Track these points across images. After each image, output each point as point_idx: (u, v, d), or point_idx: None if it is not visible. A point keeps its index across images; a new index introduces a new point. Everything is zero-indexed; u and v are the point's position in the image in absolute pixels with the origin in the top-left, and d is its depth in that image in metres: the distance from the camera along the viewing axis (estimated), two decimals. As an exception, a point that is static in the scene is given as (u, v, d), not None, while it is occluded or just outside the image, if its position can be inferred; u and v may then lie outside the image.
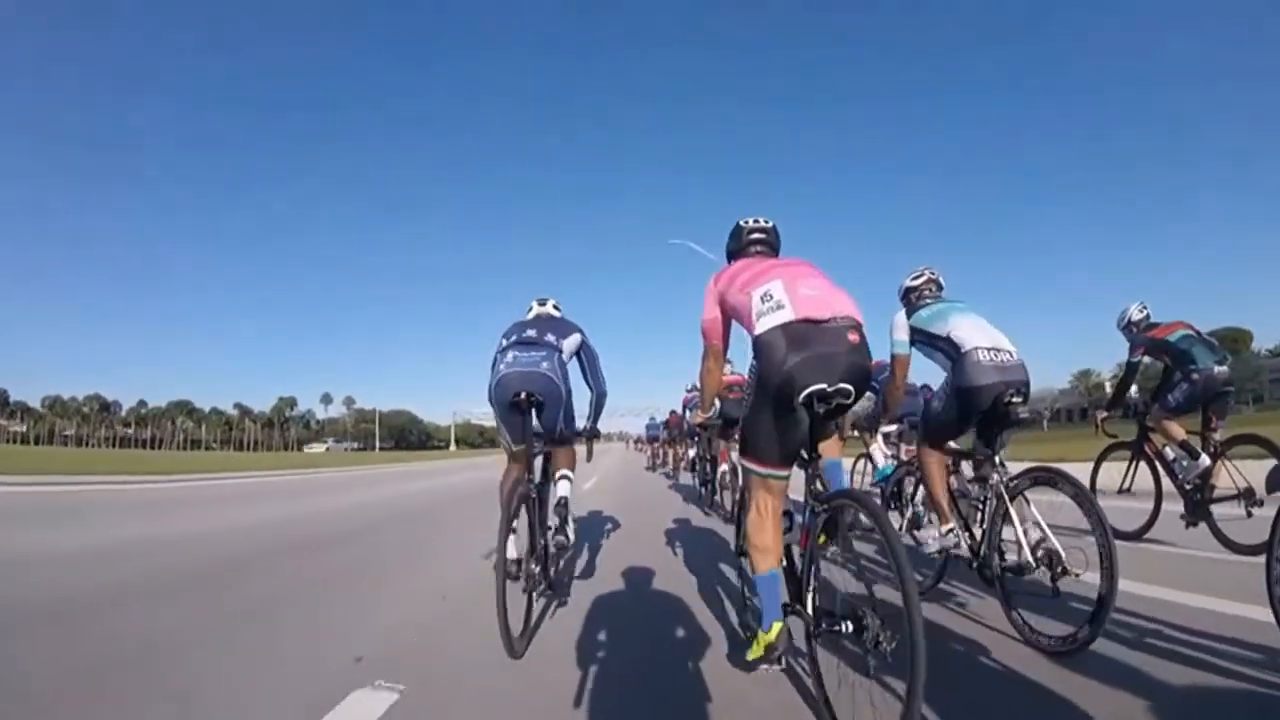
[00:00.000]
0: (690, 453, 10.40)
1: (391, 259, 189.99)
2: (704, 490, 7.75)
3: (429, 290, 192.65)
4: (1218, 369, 4.18)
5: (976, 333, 2.72)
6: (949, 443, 2.91)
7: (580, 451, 3.45)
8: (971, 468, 2.92)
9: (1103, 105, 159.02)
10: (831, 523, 1.98)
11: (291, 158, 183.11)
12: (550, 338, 3.18)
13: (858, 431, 5.22)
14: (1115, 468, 4.73)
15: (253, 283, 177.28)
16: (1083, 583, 2.28)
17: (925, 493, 3.06)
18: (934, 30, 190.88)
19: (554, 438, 3.20)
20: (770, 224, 2.47)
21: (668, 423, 14.53)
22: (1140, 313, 4.68)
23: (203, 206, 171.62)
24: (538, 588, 2.81)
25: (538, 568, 2.80)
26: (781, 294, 2.02)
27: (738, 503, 2.93)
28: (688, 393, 10.21)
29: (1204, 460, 4.05)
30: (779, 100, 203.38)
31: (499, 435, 3.20)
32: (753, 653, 2.06)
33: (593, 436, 3.49)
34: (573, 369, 3.28)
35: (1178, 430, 4.30)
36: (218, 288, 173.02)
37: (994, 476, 2.63)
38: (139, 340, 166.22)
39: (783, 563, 2.11)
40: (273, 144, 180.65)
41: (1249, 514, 3.69)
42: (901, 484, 3.81)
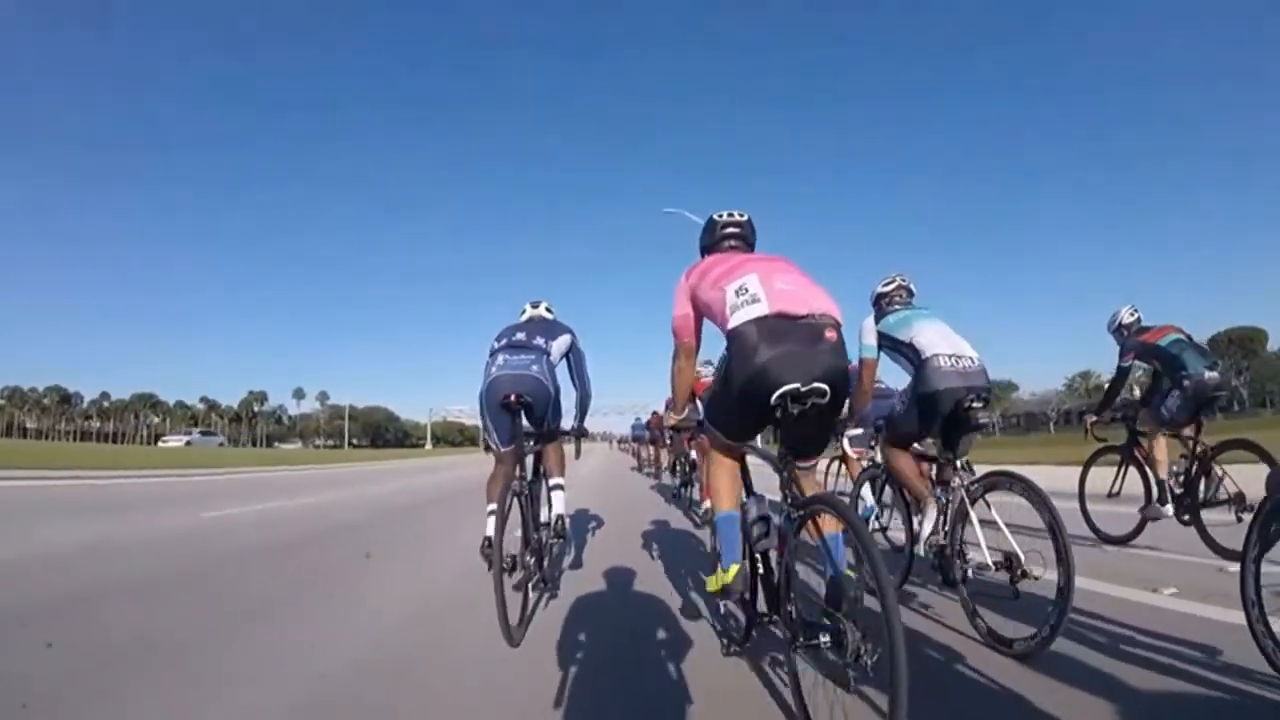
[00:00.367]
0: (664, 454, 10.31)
1: (371, 253, 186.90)
2: (683, 491, 7.67)
3: (411, 286, 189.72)
4: (1208, 374, 4.16)
5: (939, 339, 2.82)
6: (913, 445, 3.05)
7: (569, 451, 3.60)
8: (935, 471, 2.97)
9: (1104, 104, 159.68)
10: (808, 528, 1.91)
11: (275, 152, 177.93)
12: (539, 340, 3.31)
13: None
14: (1105, 472, 4.70)
15: (227, 275, 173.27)
16: (1045, 584, 2.27)
17: (894, 493, 3.14)
18: (935, 31, 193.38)
19: (542, 433, 3.34)
20: (745, 217, 2.41)
21: (649, 423, 14.48)
22: (1131, 316, 4.65)
23: (174, 199, 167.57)
24: (532, 580, 2.91)
25: (532, 560, 2.92)
26: (757, 287, 1.97)
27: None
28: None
29: (1168, 509, 4.04)
30: (779, 100, 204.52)
31: (486, 437, 3.32)
32: (711, 586, 2.15)
33: (580, 435, 3.61)
34: (561, 369, 3.40)
35: (1162, 461, 4.21)
36: (189, 279, 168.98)
37: (955, 480, 2.71)
38: (102, 331, 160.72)
39: (746, 513, 2.12)
40: (257, 138, 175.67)
41: (1239, 519, 3.66)
42: (874, 483, 3.86)
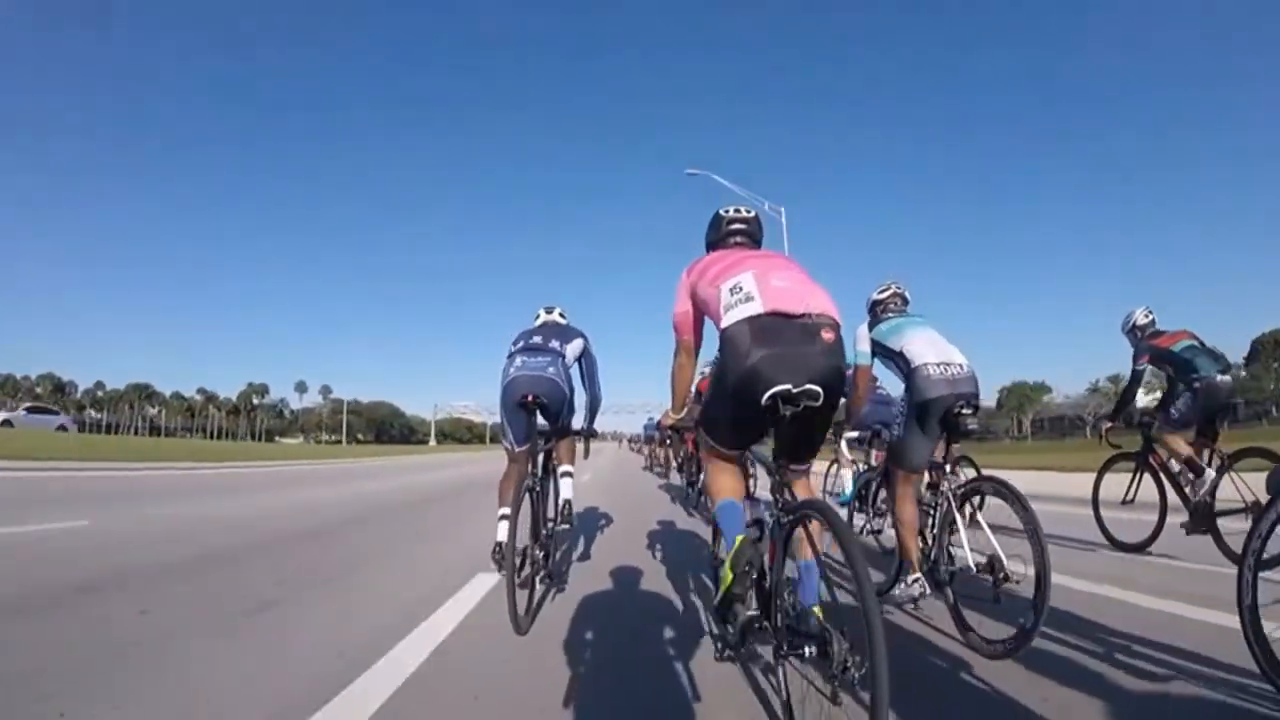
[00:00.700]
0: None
1: (377, 250, 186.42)
2: (690, 491, 7.71)
3: (416, 282, 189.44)
4: (1220, 379, 4.17)
5: (928, 347, 2.89)
6: (923, 463, 2.89)
7: (579, 446, 3.79)
8: (925, 476, 3.03)
9: (1120, 106, 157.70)
10: (799, 534, 1.86)
11: (280, 151, 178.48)
12: (555, 344, 3.51)
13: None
14: (1120, 479, 4.70)
15: (231, 269, 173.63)
16: (1030, 585, 2.32)
17: (889, 500, 3.13)
18: (936, 31, 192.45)
19: (556, 430, 3.54)
20: (752, 213, 2.39)
21: (659, 424, 14.72)
22: (1145, 318, 4.65)
23: (180, 194, 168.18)
24: (540, 573, 3.05)
25: (541, 553, 3.07)
26: (751, 285, 1.94)
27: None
28: None
29: (1210, 475, 4.01)
30: (781, 100, 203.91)
31: (501, 436, 3.49)
32: (721, 589, 1.93)
33: (589, 435, 3.83)
34: (575, 371, 3.61)
35: (1182, 446, 4.25)
36: (191, 272, 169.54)
37: (944, 484, 2.80)
38: (99, 319, 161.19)
39: (745, 513, 2.06)
40: (262, 136, 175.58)
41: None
42: (869, 486, 3.92)
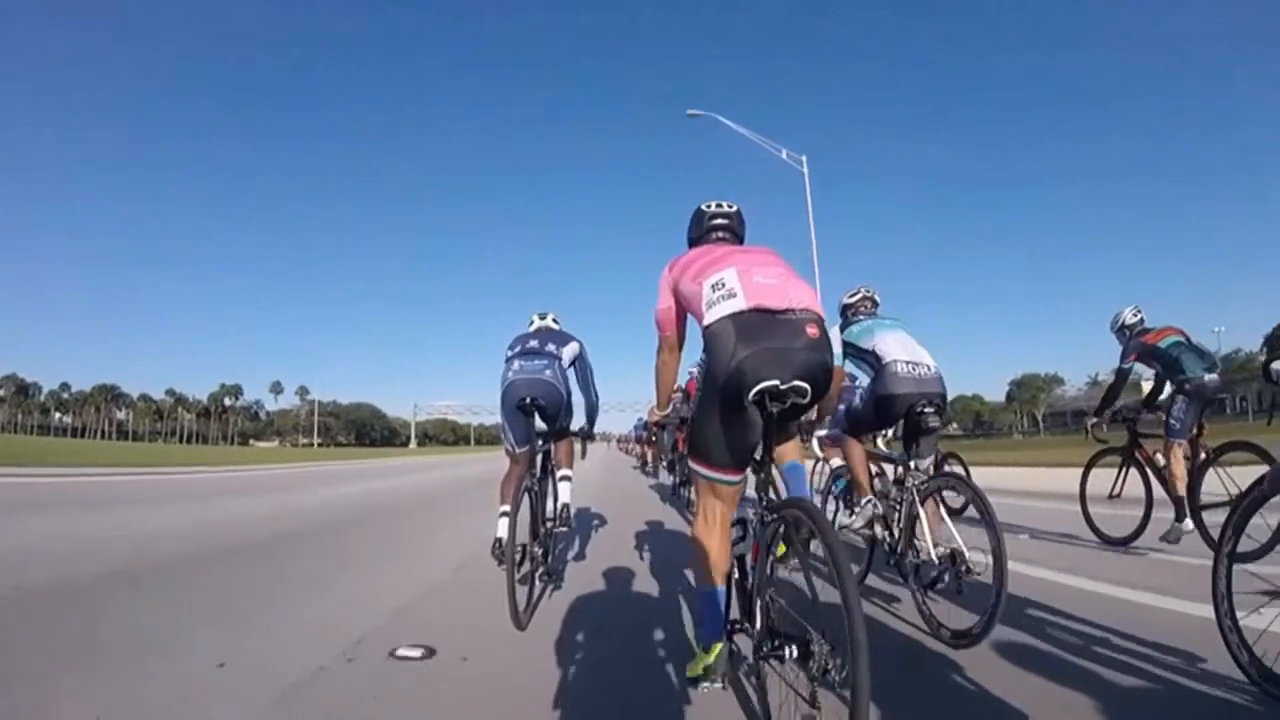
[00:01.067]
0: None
1: (357, 249, 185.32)
2: (681, 490, 7.74)
3: (396, 282, 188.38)
4: (1208, 377, 4.26)
5: (898, 347, 3.06)
6: (865, 435, 3.35)
7: (577, 447, 3.97)
8: (892, 472, 3.22)
9: (1168, 104, 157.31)
10: (785, 533, 1.82)
11: (259, 148, 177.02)
12: (551, 347, 3.68)
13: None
14: (1106, 474, 4.80)
15: (205, 268, 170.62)
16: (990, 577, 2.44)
17: (847, 464, 3.40)
18: (937, 31, 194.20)
19: (554, 432, 3.70)
20: (734, 208, 2.39)
21: (647, 423, 14.79)
22: (1134, 316, 4.77)
23: (146, 184, 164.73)
24: (539, 569, 3.20)
25: (540, 550, 3.22)
26: (734, 282, 1.92)
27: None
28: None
29: (1187, 524, 4.04)
30: (782, 100, 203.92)
31: (502, 437, 3.66)
32: (691, 670, 1.95)
33: (586, 437, 4.03)
34: (571, 374, 3.77)
35: (1180, 478, 4.16)
36: (161, 270, 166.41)
37: (909, 480, 2.96)
38: (62, 318, 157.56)
39: (733, 574, 1.97)
40: (237, 131, 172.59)
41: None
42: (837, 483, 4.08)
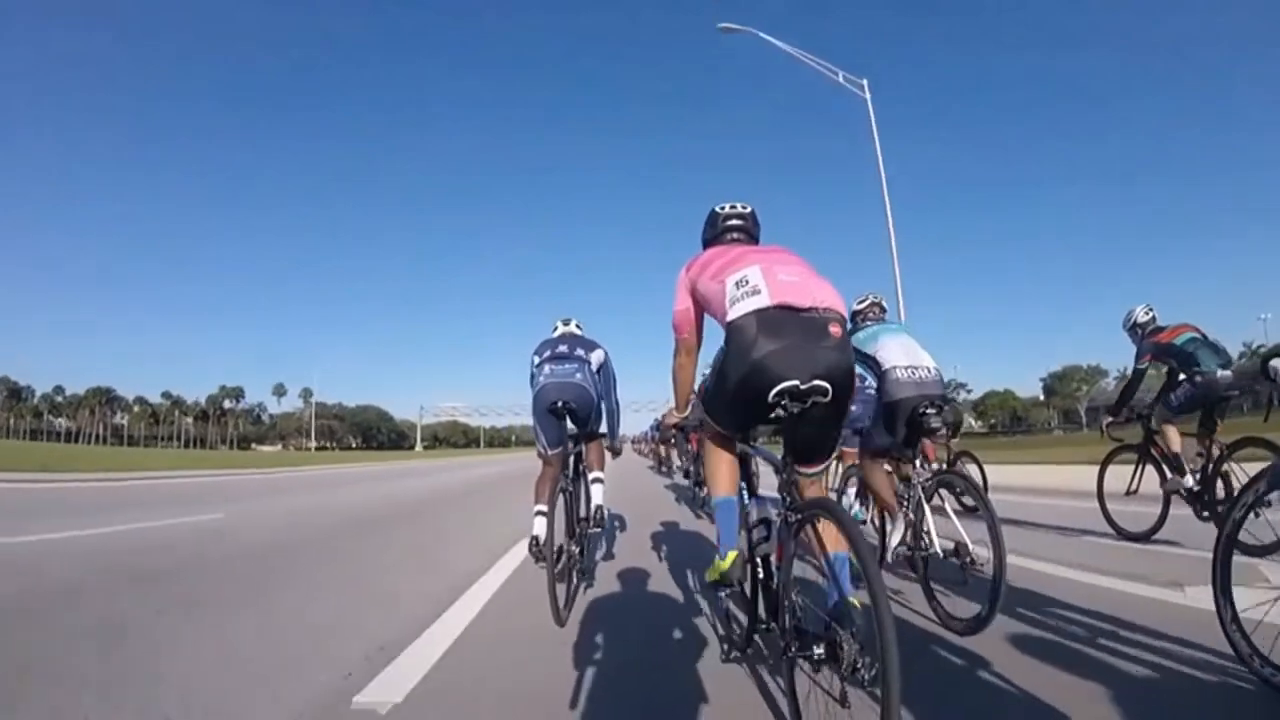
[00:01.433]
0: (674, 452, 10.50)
1: (363, 250, 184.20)
2: (696, 491, 7.80)
3: (402, 282, 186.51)
4: (1220, 373, 4.34)
5: (899, 352, 3.23)
6: (887, 454, 3.39)
7: (615, 476, 4.18)
8: (899, 469, 3.42)
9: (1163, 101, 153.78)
10: (805, 534, 1.87)
11: (247, 145, 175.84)
12: (580, 352, 3.84)
13: None
14: (1123, 471, 4.90)
15: (207, 269, 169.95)
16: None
17: (871, 499, 3.58)
18: (939, 30, 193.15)
19: (586, 434, 3.84)
20: (748, 209, 2.43)
21: (660, 424, 15.11)
22: (1146, 315, 4.86)
23: (143, 185, 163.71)
24: (575, 566, 3.35)
25: (576, 550, 3.39)
26: (759, 279, 1.96)
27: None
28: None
29: (1188, 480, 4.25)
30: (785, 100, 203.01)
31: (535, 440, 3.83)
32: (710, 575, 2.16)
33: (611, 449, 4.20)
34: (598, 379, 3.92)
35: (1174, 440, 4.47)
36: (162, 272, 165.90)
37: (914, 477, 3.16)
38: (57, 319, 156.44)
39: (743, 500, 2.20)
40: (238, 132, 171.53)
41: (1255, 514, 3.84)
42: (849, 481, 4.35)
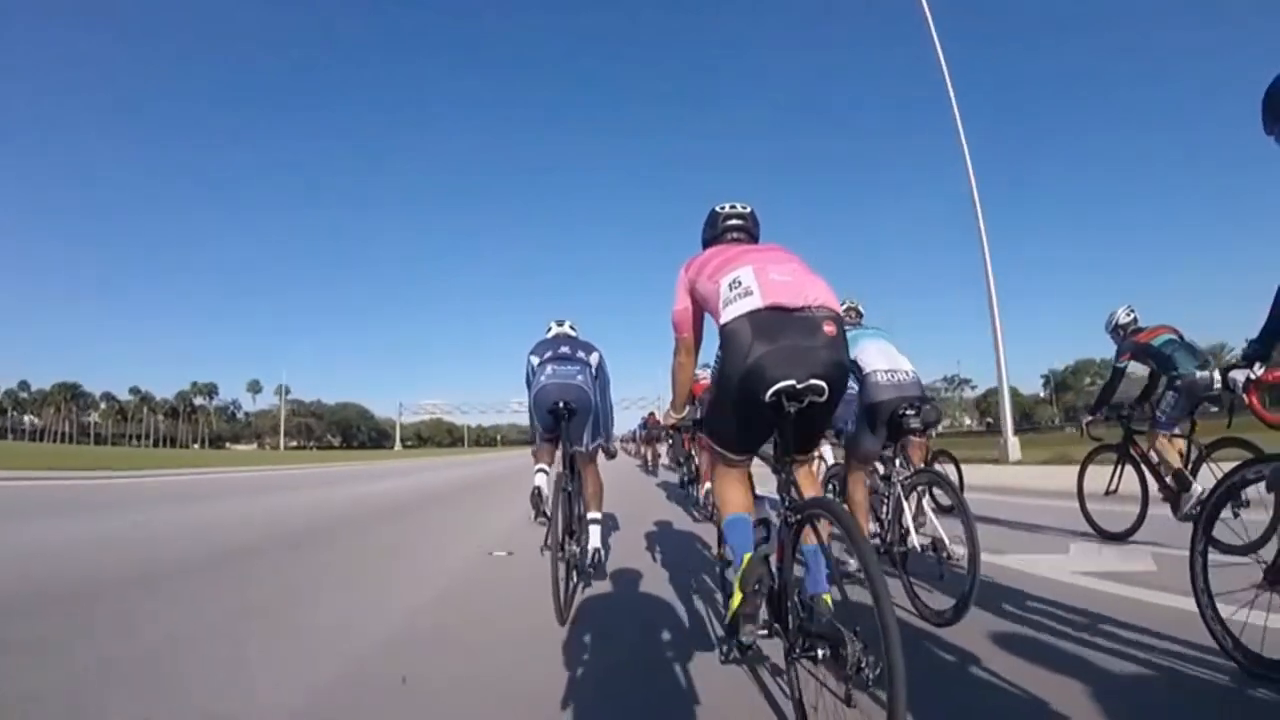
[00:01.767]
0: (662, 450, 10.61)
1: (340, 241, 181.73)
2: (689, 491, 7.86)
3: (385, 278, 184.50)
4: (1199, 375, 4.45)
5: (878, 356, 3.37)
6: (875, 460, 3.51)
7: (602, 474, 4.08)
8: (880, 468, 3.57)
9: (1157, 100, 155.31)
10: (807, 533, 1.89)
11: (225, 137, 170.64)
12: (581, 354, 3.87)
13: None
14: (1102, 470, 5.05)
15: (192, 259, 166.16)
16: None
17: (846, 499, 3.64)
18: (940, 30, 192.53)
19: (581, 452, 3.76)
20: (748, 209, 2.44)
21: (646, 422, 15.22)
22: (1127, 316, 5.01)
23: (115, 174, 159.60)
24: (574, 565, 3.42)
25: (577, 549, 3.46)
26: (751, 280, 1.97)
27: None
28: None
29: (1196, 490, 4.22)
30: (785, 100, 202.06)
31: (531, 434, 3.95)
32: (733, 604, 1.93)
33: (606, 451, 4.24)
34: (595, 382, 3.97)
35: (1174, 457, 4.43)
36: (143, 260, 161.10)
37: (893, 475, 3.30)
38: (22, 314, 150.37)
39: (754, 524, 2.10)
40: (213, 126, 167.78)
41: (1235, 514, 4.00)
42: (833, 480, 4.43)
